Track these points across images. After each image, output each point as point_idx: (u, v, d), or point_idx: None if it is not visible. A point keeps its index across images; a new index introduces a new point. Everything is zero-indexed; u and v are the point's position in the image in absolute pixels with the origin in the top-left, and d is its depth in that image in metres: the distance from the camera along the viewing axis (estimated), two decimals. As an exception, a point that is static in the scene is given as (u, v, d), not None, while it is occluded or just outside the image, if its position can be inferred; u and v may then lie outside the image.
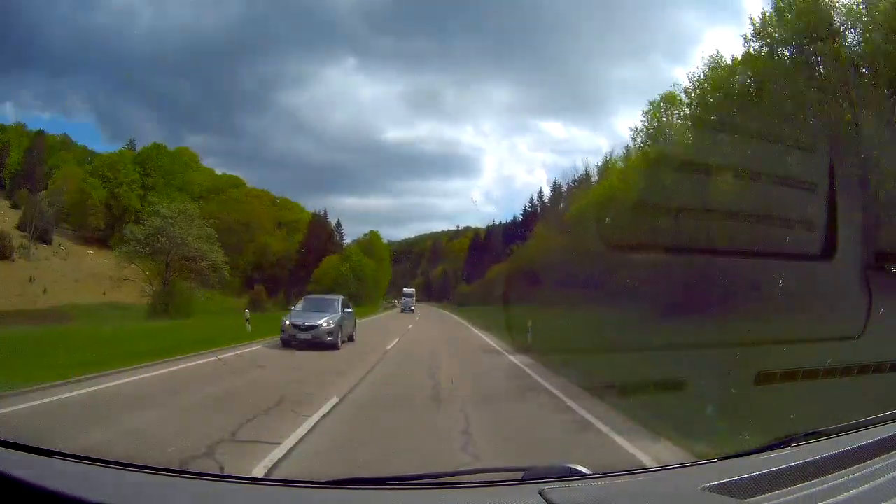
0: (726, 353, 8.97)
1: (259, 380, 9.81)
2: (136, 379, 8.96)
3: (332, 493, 1.85)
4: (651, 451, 5.27)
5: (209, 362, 11.26)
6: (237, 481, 2.17)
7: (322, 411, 6.65)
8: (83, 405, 7.04)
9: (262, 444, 5.20)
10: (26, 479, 1.50)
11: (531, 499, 1.62)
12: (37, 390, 7.26)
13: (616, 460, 5.02)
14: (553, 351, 13.35)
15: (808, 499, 1.69)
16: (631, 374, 9.36)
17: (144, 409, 6.99)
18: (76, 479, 1.67)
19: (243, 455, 4.92)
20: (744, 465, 2.04)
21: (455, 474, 2.31)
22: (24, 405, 6.65)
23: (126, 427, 5.88)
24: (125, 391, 8.12)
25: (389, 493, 1.90)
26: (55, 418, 6.34)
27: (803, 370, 6.43)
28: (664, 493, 1.90)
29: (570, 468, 1.96)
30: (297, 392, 8.00)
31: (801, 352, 7.99)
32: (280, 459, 4.78)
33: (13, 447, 1.84)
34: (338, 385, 8.73)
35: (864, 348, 6.86)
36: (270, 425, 5.98)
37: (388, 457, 5.02)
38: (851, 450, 2.02)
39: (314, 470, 4.48)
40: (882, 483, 1.79)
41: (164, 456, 4.58)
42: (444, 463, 4.72)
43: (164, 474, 1.79)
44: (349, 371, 10.51)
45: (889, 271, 9.86)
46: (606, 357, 11.81)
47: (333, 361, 12.02)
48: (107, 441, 5.05)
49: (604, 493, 1.82)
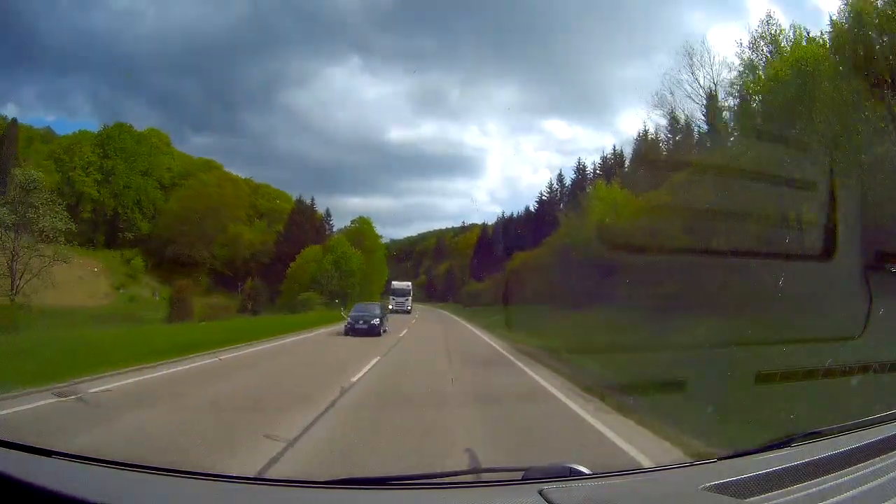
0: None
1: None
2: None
3: (332, 493, 1.86)
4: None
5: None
6: (237, 481, 2.17)
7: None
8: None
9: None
10: (26, 479, 1.50)
11: (531, 498, 1.62)
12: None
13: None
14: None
15: (807, 499, 1.69)
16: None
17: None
18: (76, 479, 1.67)
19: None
20: (744, 465, 2.04)
21: (455, 474, 2.31)
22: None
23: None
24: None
25: (389, 493, 1.90)
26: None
27: (803, 370, 6.44)
28: (664, 493, 1.90)
29: (569, 468, 1.96)
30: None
31: (801, 352, 7.99)
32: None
33: (13, 447, 1.84)
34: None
35: (864, 348, 6.87)
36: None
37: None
38: (851, 450, 2.02)
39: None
40: (882, 483, 1.79)
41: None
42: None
43: (164, 474, 1.79)
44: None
45: (889, 271, 9.86)
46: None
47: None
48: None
49: (604, 493, 1.82)
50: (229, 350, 13.71)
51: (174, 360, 11.05)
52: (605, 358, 11.77)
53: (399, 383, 10.09)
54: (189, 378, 9.63)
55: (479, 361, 13.63)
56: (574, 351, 12.82)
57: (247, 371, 10.88)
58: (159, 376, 9.40)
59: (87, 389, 7.64)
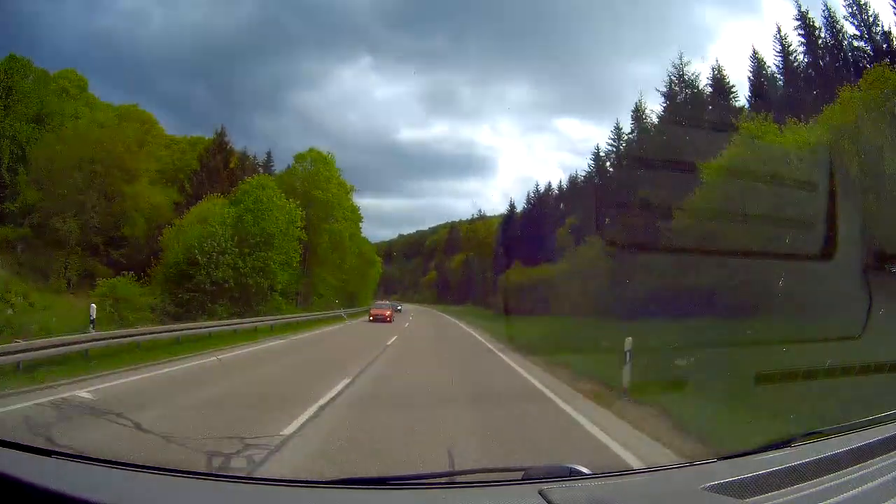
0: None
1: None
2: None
3: (331, 493, 1.86)
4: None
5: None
6: (237, 481, 2.17)
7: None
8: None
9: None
10: (26, 479, 1.50)
11: (531, 499, 1.62)
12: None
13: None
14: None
15: (808, 499, 1.69)
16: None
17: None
18: (76, 479, 1.67)
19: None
20: (744, 465, 2.04)
21: (455, 474, 2.31)
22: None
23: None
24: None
25: (389, 493, 1.90)
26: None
27: (803, 370, 6.43)
28: (664, 493, 1.90)
29: (570, 468, 1.96)
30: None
31: (800, 352, 7.97)
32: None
33: (13, 447, 1.84)
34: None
35: (864, 348, 6.87)
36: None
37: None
38: (851, 450, 2.02)
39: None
40: (882, 483, 1.79)
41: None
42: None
43: (164, 474, 1.79)
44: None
45: (889, 271, 9.87)
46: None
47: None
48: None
49: (604, 493, 1.81)
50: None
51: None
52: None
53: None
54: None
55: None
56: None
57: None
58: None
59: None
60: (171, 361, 11.07)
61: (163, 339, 13.85)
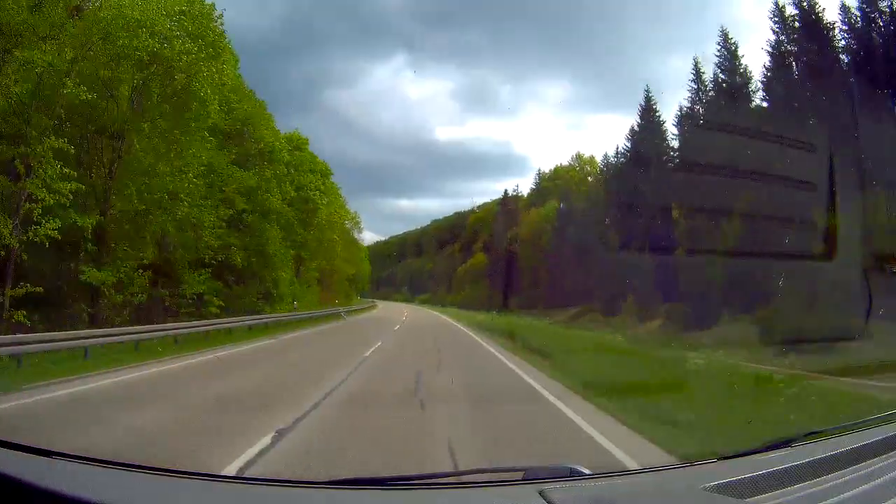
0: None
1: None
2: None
3: (331, 493, 1.85)
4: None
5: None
6: (237, 481, 2.17)
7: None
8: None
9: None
10: (26, 479, 1.50)
11: (531, 499, 1.61)
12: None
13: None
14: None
15: (808, 499, 1.68)
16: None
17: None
18: (76, 479, 1.67)
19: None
20: (744, 465, 2.03)
21: (455, 474, 2.31)
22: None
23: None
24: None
25: (389, 493, 1.89)
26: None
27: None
28: (664, 493, 1.90)
29: (570, 468, 1.96)
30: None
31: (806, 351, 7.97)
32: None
33: (13, 447, 1.84)
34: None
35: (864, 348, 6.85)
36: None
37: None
38: (851, 450, 2.02)
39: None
40: (882, 483, 1.78)
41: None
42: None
43: (164, 474, 1.78)
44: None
45: (889, 271, 9.86)
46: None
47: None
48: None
49: (604, 494, 1.81)
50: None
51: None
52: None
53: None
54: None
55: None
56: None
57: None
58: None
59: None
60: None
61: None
